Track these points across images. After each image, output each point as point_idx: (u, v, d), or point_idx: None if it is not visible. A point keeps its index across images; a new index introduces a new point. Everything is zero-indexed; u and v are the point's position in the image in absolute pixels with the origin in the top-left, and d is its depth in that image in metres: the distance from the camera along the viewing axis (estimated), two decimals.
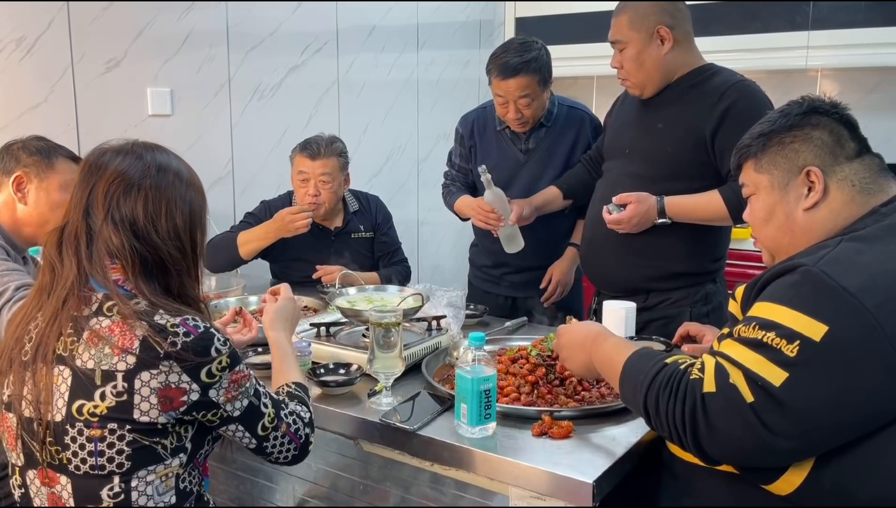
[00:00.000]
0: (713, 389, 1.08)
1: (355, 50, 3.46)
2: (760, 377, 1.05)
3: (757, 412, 1.04)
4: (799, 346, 1.04)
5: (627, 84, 2.05)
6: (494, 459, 1.33)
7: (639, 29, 1.95)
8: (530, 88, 2.26)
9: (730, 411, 1.06)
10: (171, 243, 1.20)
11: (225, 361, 1.16)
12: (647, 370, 1.20)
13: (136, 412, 1.10)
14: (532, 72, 2.24)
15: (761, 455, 1.07)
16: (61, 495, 1.14)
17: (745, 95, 1.90)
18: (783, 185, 1.24)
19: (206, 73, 2.84)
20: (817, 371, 1.03)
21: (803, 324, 1.04)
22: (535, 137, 2.43)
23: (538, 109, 2.34)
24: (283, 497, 1.73)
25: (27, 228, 1.77)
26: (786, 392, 1.03)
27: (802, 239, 1.22)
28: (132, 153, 1.21)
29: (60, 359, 1.13)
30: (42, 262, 1.21)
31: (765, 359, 1.06)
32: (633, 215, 1.96)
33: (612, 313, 1.88)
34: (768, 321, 1.08)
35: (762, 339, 1.07)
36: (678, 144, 1.97)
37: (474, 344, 1.37)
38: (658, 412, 1.15)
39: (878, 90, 3.63)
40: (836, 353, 1.03)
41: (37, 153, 1.76)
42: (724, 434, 1.07)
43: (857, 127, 1.25)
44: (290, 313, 1.56)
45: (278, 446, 1.26)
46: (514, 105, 2.30)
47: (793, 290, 1.09)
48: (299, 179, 2.51)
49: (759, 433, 1.04)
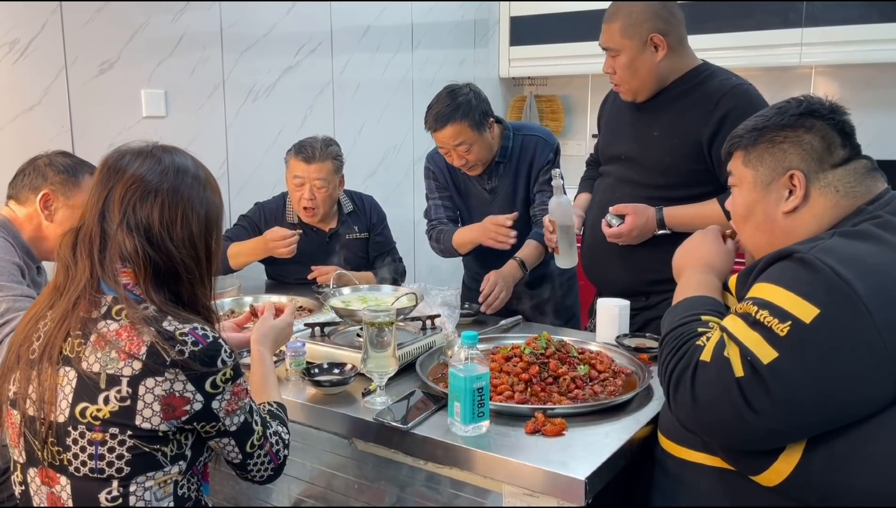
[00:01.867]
0: (708, 359, 1.12)
1: (350, 50, 3.47)
2: (752, 353, 1.07)
3: (744, 387, 1.07)
4: (790, 326, 1.06)
5: (620, 90, 2.01)
6: (488, 457, 1.33)
7: (632, 37, 1.91)
8: (464, 135, 2.26)
9: (716, 382, 1.09)
10: (185, 251, 1.19)
11: (229, 373, 1.16)
12: (675, 316, 1.27)
13: (139, 418, 1.10)
14: (461, 118, 2.24)
15: (738, 432, 1.09)
16: (60, 495, 1.14)
17: (742, 101, 1.86)
18: (766, 184, 1.25)
19: (201, 74, 2.84)
20: (804, 353, 1.05)
21: (796, 305, 1.06)
22: (496, 176, 2.41)
23: (481, 151, 2.32)
24: (279, 497, 1.74)
25: (49, 242, 1.81)
26: (772, 371, 1.05)
27: (782, 240, 1.22)
28: (152, 156, 1.21)
29: (66, 360, 1.13)
30: (57, 262, 1.21)
31: (759, 336, 1.08)
32: (633, 227, 1.95)
33: (606, 310, 1.89)
34: (763, 300, 1.11)
35: (755, 315, 1.10)
36: (674, 153, 1.95)
37: (467, 343, 1.37)
38: (660, 363, 1.22)
39: (872, 87, 3.64)
40: (823, 336, 1.04)
41: (64, 172, 1.80)
42: (705, 403, 1.10)
43: (853, 133, 1.24)
44: (282, 336, 1.55)
45: (259, 465, 1.27)
46: (455, 153, 2.30)
47: (788, 272, 1.11)
48: (294, 183, 2.52)
49: (739, 408, 1.06)
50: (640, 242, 1.98)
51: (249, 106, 3.04)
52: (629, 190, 2.01)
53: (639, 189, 1.99)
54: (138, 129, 2.61)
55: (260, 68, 3.06)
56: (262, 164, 3.07)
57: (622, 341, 1.82)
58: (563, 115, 4.55)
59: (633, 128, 2.05)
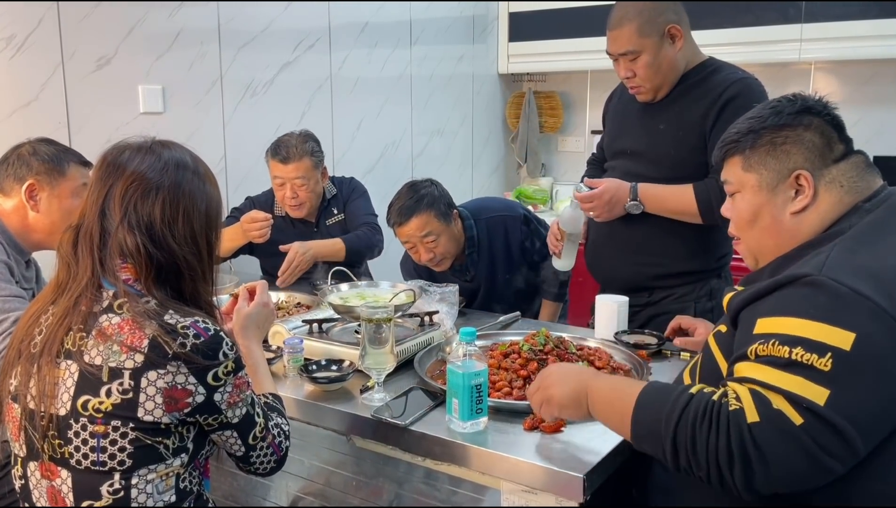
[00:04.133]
0: (757, 418, 1.02)
1: (348, 46, 3.46)
2: (803, 398, 1.00)
3: (810, 433, 1.00)
4: (832, 358, 1.00)
5: (640, 90, 1.98)
6: (486, 453, 1.33)
7: (650, 34, 1.88)
8: (430, 225, 2.22)
9: (781, 438, 1.01)
10: (187, 247, 1.19)
11: (231, 365, 1.16)
12: (672, 401, 1.10)
13: (141, 410, 1.10)
14: (426, 208, 2.21)
15: (817, 478, 1.03)
16: (60, 489, 1.14)
17: (743, 92, 1.86)
18: (772, 187, 1.22)
19: (198, 70, 2.83)
20: (856, 381, 1.00)
21: (829, 334, 1.01)
22: (472, 266, 2.39)
23: (448, 243, 2.28)
24: (277, 494, 1.73)
25: (37, 234, 1.78)
26: (832, 410, 0.99)
27: (788, 241, 1.21)
28: (151, 153, 1.20)
29: (68, 354, 1.13)
30: (58, 259, 1.21)
31: (802, 379, 1.01)
32: (605, 190, 1.94)
33: (605, 307, 1.88)
34: (791, 337, 1.04)
35: (791, 357, 1.02)
36: (680, 146, 1.94)
37: (465, 339, 1.37)
38: (696, 448, 1.05)
39: (872, 83, 3.63)
40: (868, 359, 1.01)
41: (49, 161, 1.76)
42: (779, 464, 1.01)
43: (844, 128, 1.23)
44: (263, 320, 1.48)
45: (262, 457, 1.27)
46: (423, 247, 2.26)
47: (807, 301, 1.05)
48: (276, 183, 2.55)
49: (815, 455, 1.00)
50: (611, 214, 1.97)
51: (247, 102, 3.03)
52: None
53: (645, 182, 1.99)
54: (136, 124, 2.61)
55: (258, 64, 3.05)
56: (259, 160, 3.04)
57: (621, 337, 1.82)
58: (561, 111, 4.55)
59: (640, 122, 2.04)
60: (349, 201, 2.68)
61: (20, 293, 1.66)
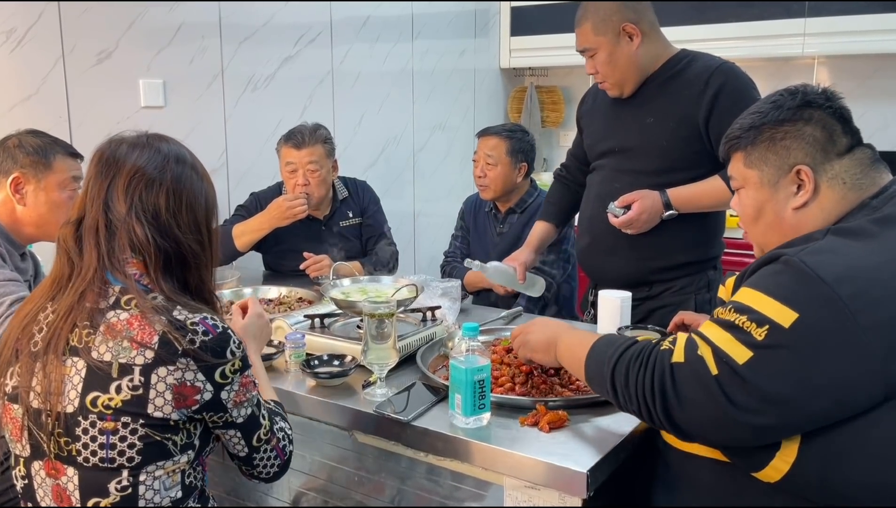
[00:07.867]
0: (681, 359, 1.11)
1: (349, 41, 3.44)
2: (726, 353, 1.07)
3: (721, 384, 1.06)
4: (768, 330, 1.05)
5: (606, 86, 2.05)
6: (489, 449, 1.33)
7: (604, 32, 1.96)
8: (498, 149, 2.62)
9: (696, 381, 1.09)
10: (191, 236, 1.20)
11: (238, 363, 1.16)
12: (615, 347, 1.22)
13: (151, 406, 1.10)
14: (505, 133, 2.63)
15: (727, 429, 1.08)
16: (66, 486, 1.13)
17: (731, 78, 1.90)
18: (773, 182, 1.22)
19: (199, 64, 2.82)
20: (782, 355, 1.04)
21: (775, 310, 1.06)
22: (508, 222, 2.70)
23: (500, 178, 2.63)
24: (280, 490, 1.73)
25: (27, 227, 1.76)
26: (748, 370, 1.05)
27: (791, 236, 1.21)
28: (149, 146, 1.21)
29: (74, 351, 1.12)
30: (58, 254, 1.20)
31: (733, 338, 1.08)
32: (641, 210, 1.94)
33: (608, 302, 1.87)
34: (743, 306, 1.10)
35: (734, 321, 1.09)
36: (671, 137, 1.96)
37: (468, 334, 1.36)
38: (627, 385, 1.17)
39: (875, 77, 3.62)
40: (803, 339, 1.04)
41: (34, 153, 1.74)
42: (690, 403, 1.09)
43: (850, 119, 1.22)
44: (258, 331, 1.49)
45: (265, 460, 1.27)
46: (485, 162, 2.62)
47: (772, 278, 1.11)
48: (287, 170, 2.53)
49: (722, 405, 1.05)
50: (649, 228, 1.97)
51: (248, 96, 3.02)
52: (629, 179, 2.01)
53: (639, 177, 1.99)
54: (136, 119, 2.60)
55: (259, 58, 3.04)
56: (261, 154, 3.05)
57: (624, 332, 1.81)
58: (563, 105, 4.54)
59: (624, 120, 2.06)
60: (367, 210, 2.72)
61: (15, 278, 1.64)
